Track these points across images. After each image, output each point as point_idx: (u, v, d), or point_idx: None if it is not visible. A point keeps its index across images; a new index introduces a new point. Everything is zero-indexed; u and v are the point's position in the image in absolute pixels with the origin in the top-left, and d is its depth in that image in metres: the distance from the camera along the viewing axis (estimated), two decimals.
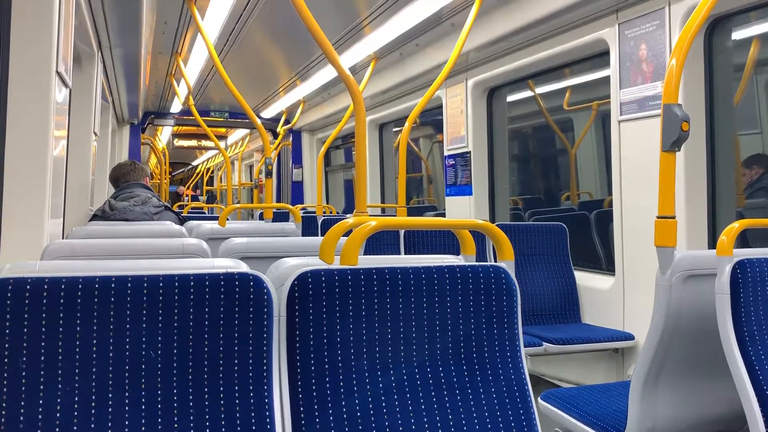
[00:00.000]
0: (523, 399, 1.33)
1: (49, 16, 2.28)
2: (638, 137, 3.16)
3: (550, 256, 3.69)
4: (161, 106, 8.40)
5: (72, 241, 2.01)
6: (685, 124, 1.76)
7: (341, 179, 9.19)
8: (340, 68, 2.45)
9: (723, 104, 3.04)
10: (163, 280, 1.14)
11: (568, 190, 5.70)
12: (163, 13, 4.33)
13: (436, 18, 4.11)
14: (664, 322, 1.81)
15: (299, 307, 1.23)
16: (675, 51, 1.81)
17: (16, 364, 1.06)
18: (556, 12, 3.43)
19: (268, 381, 1.18)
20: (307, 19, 2.33)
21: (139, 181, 3.67)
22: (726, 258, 1.68)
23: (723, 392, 1.85)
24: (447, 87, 4.93)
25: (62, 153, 2.71)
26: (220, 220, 2.83)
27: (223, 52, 5.27)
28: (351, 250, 1.28)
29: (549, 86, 5.40)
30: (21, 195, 2.23)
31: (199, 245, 2.01)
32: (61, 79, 2.50)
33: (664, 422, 1.89)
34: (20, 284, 1.07)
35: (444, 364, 1.31)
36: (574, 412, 2.08)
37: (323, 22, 2.47)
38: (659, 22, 3.02)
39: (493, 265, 1.38)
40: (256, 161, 13.80)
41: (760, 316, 1.66)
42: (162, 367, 1.13)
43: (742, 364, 1.61)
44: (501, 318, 1.36)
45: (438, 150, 6.96)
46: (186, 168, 22.74)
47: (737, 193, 3.35)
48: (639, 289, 3.18)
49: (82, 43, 3.95)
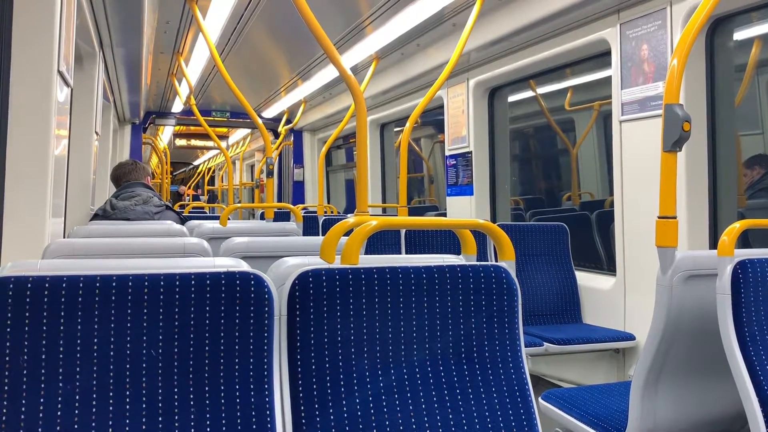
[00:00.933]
0: (524, 399, 1.33)
1: (51, 16, 2.28)
2: (639, 137, 3.16)
3: (551, 256, 3.68)
4: (162, 106, 8.41)
5: (73, 240, 2.01)
6: (686, 125, 1.76)
7: (342, 179, 9.19)
8: (341, 68, 2.45)
9: (724, 104, 3.04)
10: (164, 279, 1.14)
11: (570, 191, 5.70)
12: (164, 12, 4.34)
13: (437, 18, 4.11)
14: (665, 322, 1.80)
15: (300, 307, 1.23)
16: (676, 51, 1.81)
17: (17, 362, 1.06)
18: (557, 12, 3.43)
19: (269, 380, 1.18)
20: (308, 18, 2.33)
21: (140, 181, 3.68)
22: (727, 258, 1.68)
23: (724, 392, 1.85)
24: (448, 87, 4.93)
25: (63, 152, 2.71)
26: (221, 220, 2.83)
27: (225, 51, 5.27)
28: (352, 249, 1.28)
29: (550, 86, 5.40)
30: (22, 194, 2.23)
31: (200, 244, 2.01)
32: (63, 79, 2.50)
33: (665, 422, 1.89)
34: (21, 283, 1.07)
35: (445, 364, 1.31)
36: (575, 412, 2.08)
37: (324, 21, 2.47)
38: (660, 22, 3.02)
39: (494, 265, 1.38)
40: (257, 161, 13.80)
41: (761, 316, 1.66)
42: (163, 366, 1.13)
43: (743, 364, 1.61)
44: (502, 318, 1.36)
45: (439, 150, 6.96)
46: (187, 168, 22.75)
47: (738, 194, 3.34)
48: (640, 290, 3.18)
49: (84, 43, 3.95)
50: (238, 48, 5.21)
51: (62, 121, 2.61)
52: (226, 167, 8.88)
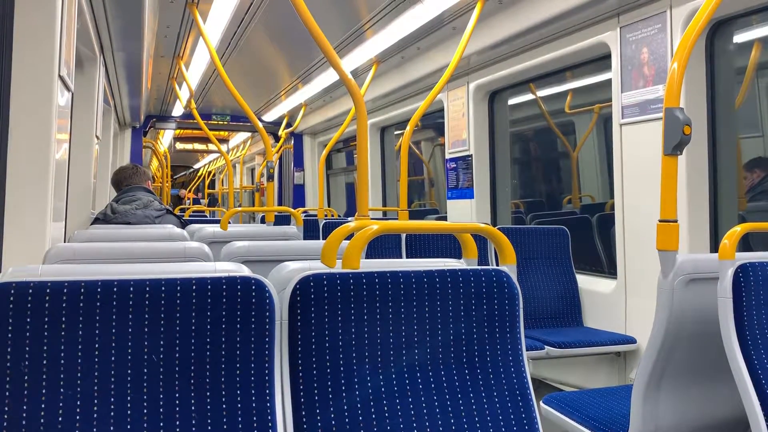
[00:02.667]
0: (525, 402, 1.32)
1: (52, 20, 2.29)
2: (640, 141, 3.16)
3: (552, 259, 3.68)
4: (163, 110, 8.42)
5: (74, 245, 2.01)
6: (687, 128, 1.76)
7: (343, 182, 9.19)
8: (341, 72, 2.45)
9: (725, 108, 3.04)
10: (165, 284, 1.14)
11: (570, 194, 5.70)
12: (165, 16, 4.34)
13: (437, 22, 4.11)
14: (666, 325, 1.80)
15: (301, 311, 1.23)
16: (677, 54, 1.81)
17: (18, 367, 1.06)
18: (557, 15, 3.43)
19: (270, 385, 1.18)
20: (308, 22, 2.34)
21: (141, 185, 3.68)
22: (728, 262, 1.68)
23: (725, 396, 1.84)
24: (448, 90, 4.93)
25: (64, 156, 2.71)
26: (222, 224, 2.83)
27: (225, 55, 5.28)
28: (353, 253, 1.28)
29: (550, 89, 5.40)
30: (23, 198, 2.23)
31: (200, 249, 2.01)
32: (63, 83, 2.50)
33: (667, 426, 1.88)
34: (22, 288, 1.07)
35: (446, 368, 1.31)
36: (576, 416, 2.08)
37: (325, 25, 2.47)
38: (661, 25, 3.02)
39: (494, 269, 1.38)
40: (257, 164, 13.82)
41: (763, 319, 1.66)
42: (164, 371, 1.13)
43: (744, 367, 1.61)
44: (503, 322, 1.36)
45: (439, 153, 6.96)
46: (188, 171, 22.77)
47: (739, 197, 3.34)
48: (641, 293, 3.18)
49: (84, 47, 3.96)
50: (238, 52, 5.21)
51: (63, 125, 2.61)
52: (227, 171, 8.89)
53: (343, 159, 9.18)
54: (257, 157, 13.90)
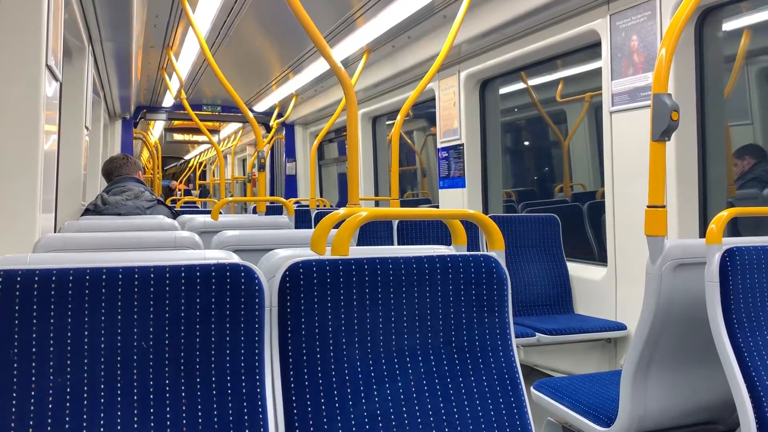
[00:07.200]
0: (514, 386, 1.34)
1: (38, 9, 2.27)
2: (630, 128, 3.17)
3: (543, 247, 3.70)
4: (153, 101, 8.37)
5: (64, 235, 2.00)
6: (674, 114, 1.77)
7: (335, 173, 9.18)
8: (332, 61, 2.44)
9: (714, 95, 3.05)
10: (153, 271, 1.14)
11: (561, 182, 5.72)
12: (153, 6, 4.31)
13: (428, 10, 4.10)
14: (654, 311, 1.82)
15: (290, 298, 1.23)
16: (665, 40, 1.82)
17: (6, 355, 1.06)
18: (547, 3, 3.43)
19: (260, 371, 1.18)
20: (298, 11, 2.33)
21: (131, 175, 3.66)
22: (715, 246, 1.69)
23: (713, 380, 1.86)
24: (439, 79, 4.92)
25: (53, 147, 2.69)
26: (213, 214, 2.82)
27: (215, 45, 5.25)
28: (342, 240, 1.28)
29: (542, 78, 5.41)
30: (12, 190, 2.22)
31: (191, 238, 2.01)
32: (51, 73, 2.48)
33: (655, 410, 1.91)
34: (10, 276, 1.07)
35: (435, 352, 1.32)
36: (566, 401, 2.10)
37: (315, 14, 2.47)
38: (650, 13, 3.03)
39: (483, 255, 1.39)
40: (249, 155, 13.77)
41: (749, 303, 1.68)
42: (154, 357, 1.13)
43: (731, 351, 1.63)
44: (491, 306, 1.37)
45: (431, 143, 6.97)
46: (178, 162, 22.67)
47: (728, 184, 3.36)
48: (631, 280, 3.20)
49: (73, 37, 3.92)
50: (228, 41, 5.18)
51: (51, 116, 2.59)
52: (218, 161, 8.85)
53: (335, 149, 9.16)
54: (248, 147, 13.85)
